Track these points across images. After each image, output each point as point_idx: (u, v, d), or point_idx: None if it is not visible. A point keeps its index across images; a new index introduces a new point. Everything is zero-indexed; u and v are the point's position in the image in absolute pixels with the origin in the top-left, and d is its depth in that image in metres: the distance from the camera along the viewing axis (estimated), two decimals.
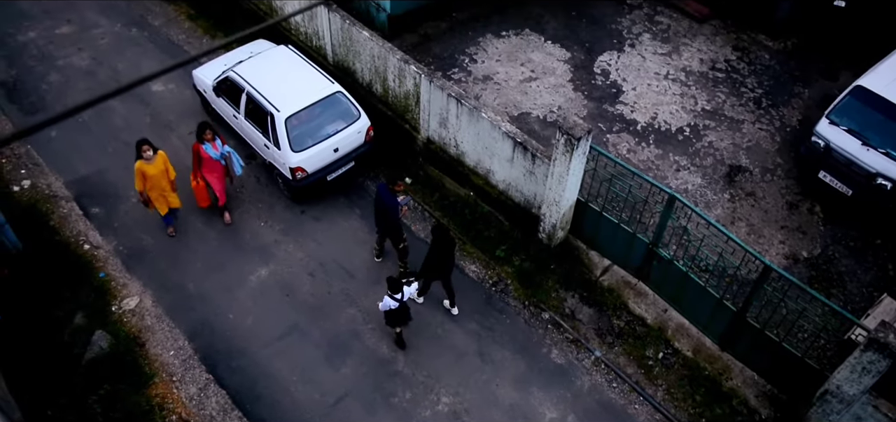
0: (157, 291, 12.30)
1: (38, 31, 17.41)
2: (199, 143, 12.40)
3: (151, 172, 11.96)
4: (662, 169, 14.58)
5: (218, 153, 12.52)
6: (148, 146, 11.81)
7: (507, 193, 13.14)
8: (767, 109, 16.09)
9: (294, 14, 6.52)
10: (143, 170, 11.92)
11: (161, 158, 12.08)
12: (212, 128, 12.48)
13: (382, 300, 11.06)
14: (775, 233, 13.59)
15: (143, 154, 11.81)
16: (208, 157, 12.49)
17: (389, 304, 10.98)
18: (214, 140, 12.45)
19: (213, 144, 12.44)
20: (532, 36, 17.65)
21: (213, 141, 12.43)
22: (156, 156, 11.95)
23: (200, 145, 12.39)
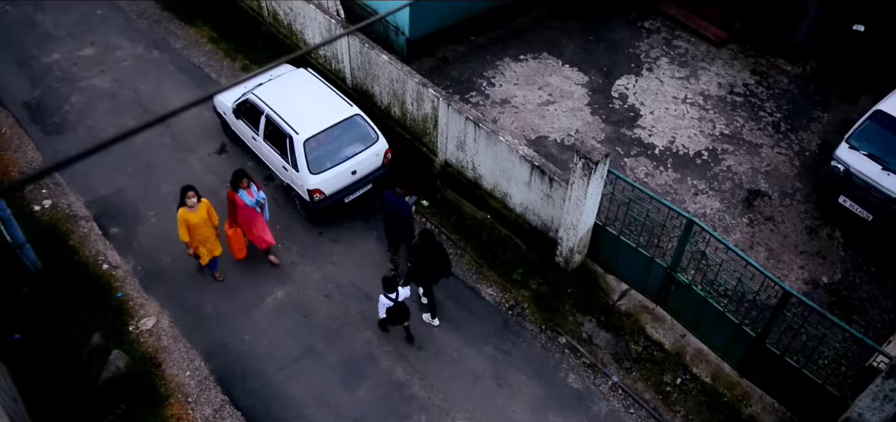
0: (174, 312, 12.35)
1: (62, 52, 17.66)
2: (234, 191, 11.94)
3: (195, 220, 11.54)
4: (680, 193, 14.52)
5: (253, 200, 12.08)
6: (193, 193, 11.38)
7: (525, 217, 13.12)
8: (786, 133, 16.00)
9: (322, 44, 6.58)
10: (187, 218, 11.49)
11: (204, 205, 11.68)
12: (247, 174, 12.01)
13: (379, 301, 11.36)
14: (795, 258, 13.46)
15: (187, 201, 11.36)
16: (244, 204, 12.02)
17: (386, 303, 11.29)
18: (250, 187, 12.01)
19: (249, 191, 12.00)
20: (550, 60, 17.69)
21: (249, 187, 12.00)
22: (200, 203, 11.54)
23: (235, 193, 11.93)
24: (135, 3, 19.50)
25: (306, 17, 15.93)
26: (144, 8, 19.33)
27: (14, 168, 14.61)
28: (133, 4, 19.42)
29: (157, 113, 14.92)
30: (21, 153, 14.96)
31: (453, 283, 12.87)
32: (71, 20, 18.72)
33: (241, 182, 11.91)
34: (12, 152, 14.97)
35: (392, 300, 11.27)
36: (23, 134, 15.40)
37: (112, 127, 15.58)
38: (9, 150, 15.02)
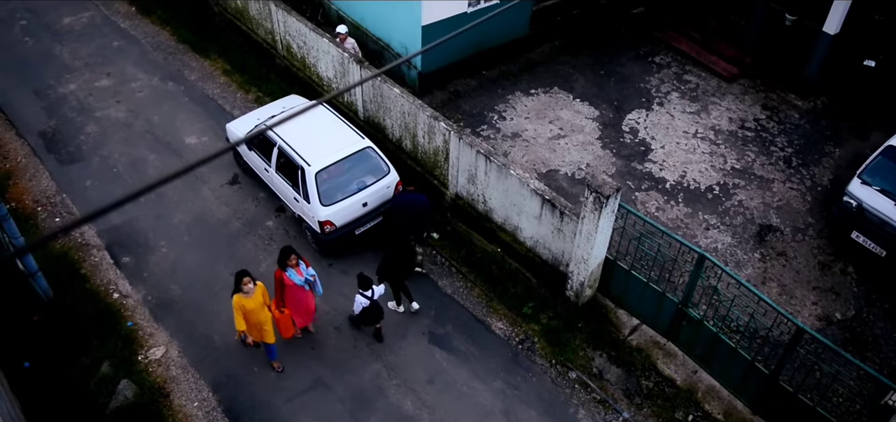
0: (183, 342, 12.35)
1: (78, 83, 17.87)
2: (281, 270, 11.12)
3: (251, 306, 10.75)
4: (692, 227, 14.47)
5: (303, 279, 11.22)
6: (249, 279, 10.59)
7: (535, 250, 13.09)
8: (798, 168, 15.96)
9: (345, 90, 6.63)
10: (243, 305, 10.70)
11: (259, 290, 10.90)
12: (295, 251, 11.17)
13: (356, 300, 11.62)
14: (808, 294, 13.37)
15: (243, 288, 10.57)
16: (293, 284, 11.19)
17: (362, 302, 11.58)
18: (298, 265, 11.16)
19: (298, 270, 11.14)
20: (561, 94, 17.76)
21: (298, 266, 11.14)
22: (256, 288, 10.79)
23: (283, 272, 11.09)
24: (151, 35, 19.76)
25: (320, 50, 16.08)
26: (160, 41, 19.57)
27: (28, 196, 14.73)
28: (149, 37, 19.68)
29: (170, 144, 15.17)
30: (36, 182, 15.09)
31: (463, 316, 12.84)
32: (88, 52, 18.97)
33: (290, 260, 11.03)
34: (27, 181, 15.10)
35: (368, 299, 11.56)
36: (38, 163, 15.55)
37: (125, 158, 15.71)
38: (24, 178, 15.16)
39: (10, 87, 17.63)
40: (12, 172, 15.29)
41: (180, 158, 15.74)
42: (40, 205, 14.59)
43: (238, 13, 18.93)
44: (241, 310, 10.74)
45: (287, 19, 16.77)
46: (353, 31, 18.73)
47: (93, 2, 21.08)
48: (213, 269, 13.49)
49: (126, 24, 20.18)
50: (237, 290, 10.70)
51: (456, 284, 13.44)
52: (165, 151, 15.91)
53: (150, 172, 15.42)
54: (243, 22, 18.87)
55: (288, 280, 11.14)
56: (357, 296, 11.63)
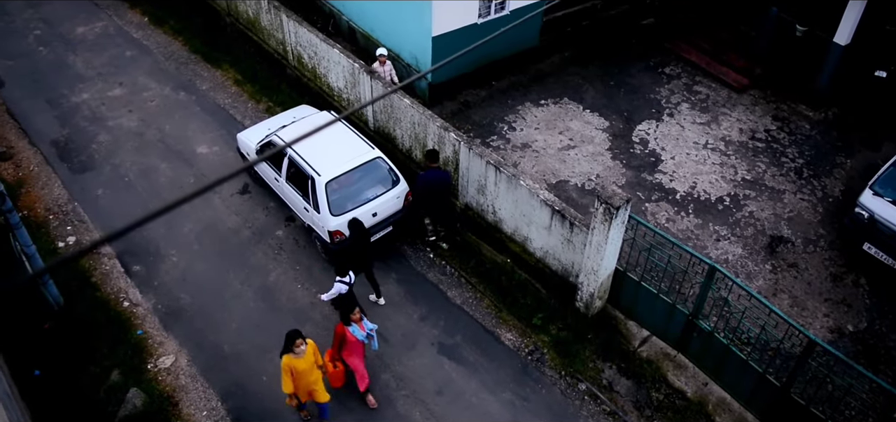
0: (192, 351, 12.38)
1: (91, 92, 17.99)
2: (344, 324, 10.74)
3: (302, 367, 10.13)
4: (702, 239, 14.42)
5: (364, 333, 10.88)
6: (302, 340, 10.00)
7: (545, 261, 13.07)
8: (809, 179, 15.90)
9: (362, 106, 6.66)
10: (293, 366, 10.07)
11: (311, 348, 10.28)
12: (360, 306, 10.80)
13: (332, 288, 11.59)
14: (819, 306, 13.29)
15: (295, 349, 9.95)
16: (354, 339, 10.81)
17: (340, 288, 11.51)
18: (361, 320, 10.81)
19: (361, 325, 10.78)
20: (571, 104, 17.76)
21: (361, 321, 10.79)
22: (307, 348, 10.18)
23: (346, 327, 10.72)
24: (163, 45, 19.89)
25: (330, 61, 16.14)
26: (173, 51, 19.69)
27: (40, 204, 14.82)
28: (162, 47, 19.81)
29: (182, 153, 15.25)
30: (48, 190, 15.18)
31: (473, 327, 12.83)
32: (101, 61, 19.10)
33: (354, 314, 10.63)
34: (39, 189, 15.20)
35: (347, 284, 11.56)
36: (50, 171, 15.65)
37: (137, 166, 15.79)
38: (36, 187, 15.26)
39: (23, 96, 17.77)
40: (25, 181, 15.39)
41: (191, 167, 15.81)
42: (52, 213, 14.67)
43: (250, 24, 19.04)
44: (289, 371, 10.06)
45: (298, 30, 16.84)
46: (362, 42, 18.82)
47: (106, 12, 21.25)
48: (224, 278, 13.53)
49: (139, 35, 20.32)
50: (287, 350, 10.01)
51: (465, 295, 13.42)
52: (177, 160, 15.99)
53: (161, 181, 15.49)
54: (255, 32, 18.97)
55: (350, 336, 10.73)
56: (335, 283, 11.62)
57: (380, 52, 15.87)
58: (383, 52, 15.86)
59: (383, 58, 15.86)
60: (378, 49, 15.99)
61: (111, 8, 21.50)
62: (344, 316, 10.66)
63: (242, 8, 18.98)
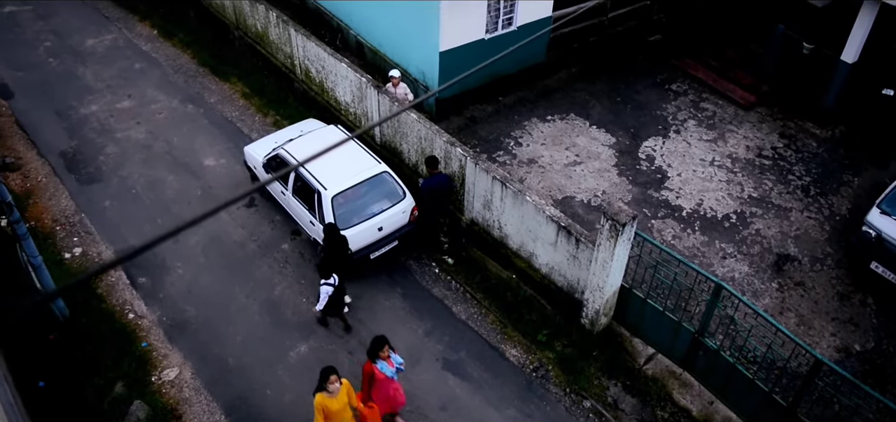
0: (196, 364, 12.37)
1: (100, 104, 18.09)
2: (371, 362, 10.21)
3: (335, 407, 9.67)
4: (708, 256, 14.38)
5: (393, 369, 10.34)
6: (336, 377, 9.57)
7: (550, 277, 13.05)
8: (816, 197, 15.85)
9: (379, 123, 6.69)
10: (326, 406, 9.63)
11: (345, 388, 9.82)
12: (388, 341, 10.26)
13: (321, 293, 11.93)
14: (826, 325, 13.22)
15: (329, 386, 9.54)
16: (384, 377, 10.32)
17: (327, 291, 11.89)
18: (390, 356, 10.27)
19: (389, 361, 10.25)
20: (577, 120, 17.77)
21: (389, 357, 10.25)
22: (341, 387, 9.75)
23: (374, 365, 10.20)
24: (172, 58, 20.00)
25: (338, 75, 16.20)
26: (181, 63, 19.80)
27: (48, 215, 14.88)
28: (171, 60, 19.92)
29: (189, 165, 15.30)
30: (55, 201, 15.24)
31: (477, 342, 12.80)
32: (110, 74, 19.22)
33: (382, 352, 10.14)
34: (46, 200, 15.26)
35: (332, 285, 11.87)
36: (58, 182, 15.72)
37: (144, 178, 15.85)
38: (43, 197, 15.33)
39: (32, 107, 17.88)
40: (32, 191, 15.46)
41: (198, 180, 15.86)
42: (59, 224, 14.73)
43: (258, 37, 19.13)
44: (322, 411, 9.63)
45: (306, 44, 16.91)
46: (370, 56, 18.89)
47: (116, 25, 21.39)
48: (229, 291, 13.54)
49: (148, 47, 20.44)
50: (320, 388, 9.62)
51: (470, 311, 13.41)
52: (184, 173, 16.04)
53: (168, 193, 15.54)
54: (263, 46, 19.06)
55: (379, 373, 10.24)
56: (321, 287, 11.92)
57: (393, 74, 15.79)
58: (396, 74, 15.79)
59: (396, 79, 15.76)
60: (391, 71, 15.96)
61: (121, 21, 21.65)
62: (372, 353, 10.18)
63: (251, 22, 19.08)
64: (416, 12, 16.67)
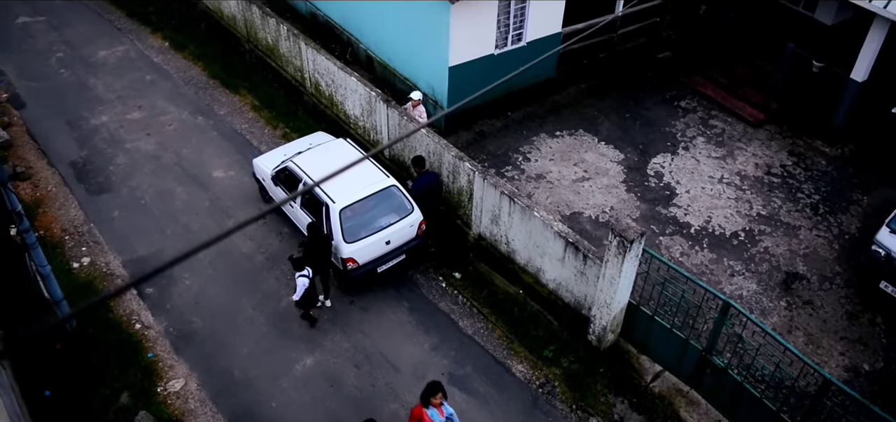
0: (202, 375, 12.38)
1: (111, 115, 18.19)
2: (423, 406, 9.95)
3: None
4: (716, 274, 14.32)
5: (444, 417, 10.09)
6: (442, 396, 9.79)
7: (557, 293, 13.01)
8: (825, 215, 15.78)
9: (395, 142, 6.70)
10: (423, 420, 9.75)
11: None
12: (442, 388, 9.98)
13: (297, 285, 12.39)
14: (835, 344, 13.13)
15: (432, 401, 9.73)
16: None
17: (303, 283, 12.39)
18: (442, 405, 10.00)
19: (440, 409, 9.99)
20: (586, 136, 17.76)
21: (441, 405, 9.98)
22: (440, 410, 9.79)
23: (425, 410, 9.93)
24: (183, 70, 20.10)
25: (347, 88, 16.25)
26: (192, 76, 19.90)
27: (57, 225, 14.94)
28: (181, 72, 20.02)
29: (198, 177, 15.34)
30: (64, 211, 15.31)
31: (484, 357, 12.77)
32: (121, 85, 19.33)
33: (435, 398, 9.86)
34: (56, 210, 15.33)
35: (307, 277, 12.40)
36: (68, 192, 15.79)
37: (153, 189, 15.91)
38: (53, 207, 15.40)
39: (44, 117, 17.99)
40: (42, 201, 15.53)
41: (207, 192, 15.91)
42: (68, 234, 14.79)
43: (269, 50, 19.22)
44: None
45: (316, 57, 16.98)
46: (379, 71, 18.95)
47: (128, 36, 21.52)
48: (236, 302, 13.56)
49: (159, 59, 20.56)
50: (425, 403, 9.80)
51: (477, 325, 13.38)
52: (192, 184, 16.10)
53: (176, 204, 15.59)
54: (273, 59, 19.14)
55: (427, 420, 9.98)
56: (297, 279, 12.40)
57: (414, 96, 15.74)
58: (417, 96, 15.76)
59: (416, 101, 15.73)
60: (413, 92, 15.87)
61: (133, 33, 21.79)
62: (425, 397, 9.90)
63: (262, 35, 19.18)
64: (425, 27, 16.73)
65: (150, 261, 14.29)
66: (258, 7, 18.76)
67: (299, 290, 12.37)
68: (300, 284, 12.35)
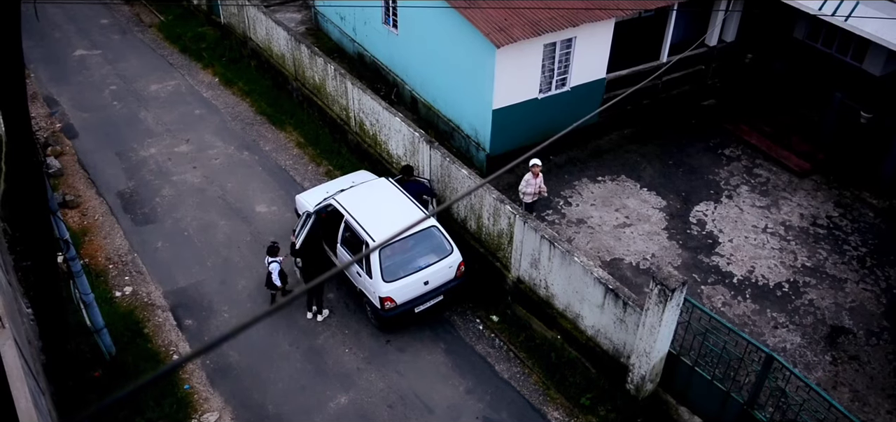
0: (237, 409, 12.43)
1: (159, 147, 18.61)
2: None
3: None
4: (759, 325, 14.02)
5: None
6: None
7: (596, 340, 12.86)
8: (872, 268, 15.39)
9: (459, 199, 6.74)
10: None
11: None
12: None
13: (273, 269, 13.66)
14: (882, 402, 12.73)
15: None
16: None
17: (277, 267, 13.70)
18: None
19: None
20: (628, 182, 17.64)
21: None
22: None
23: None
24: (231, 106, 20.52)
25: (391, 128, 16.41)
26: (239, 111, 20.30)
27: (101, 254, 15.25)
28: (230, 107, 20.45)
29: (241, 210, 15.58)
30: (110, 240, 15.63)
31: (519, 402, 12.64)
32: (171, 118, 19.79)
33: None
34: (102, 239, 15.66)
35: (278, 262, 13.71)
36: (114, 222, 16.14)
37: (197, 222, 16.18)
38: (99, 236, 15.74)
39: (95, 148, 18.48)
40: (89, 229, 15.89)
41: (249, 225, 16.13)
42: (112, 263, 15.08)
43: (315, 89, 19.52)
44: None
45: (362, 97, 17.20)
46: (423, 112, 19.12)
47: (180, 71, 22.09)
48: (273, 337, 13.64)
49: (208, 94, 21.03)
50: None
51: (513, 370, 13.26)
52: (236, 218, 16.33)
53: (219, 237, 15.81)
54: (320, 97, 19.44)
55: None
56: (272, 264, 13.67)
57: (535, 163, 15.02)
58: (538, 163, 15.10)
59: (537, 169, 15.18)
60: (533, 160, 14.92)
61: (185, 68, 22.35)
62: None
63: (309, 73, 19.51)
64: (471, 70, 16.87)
65: (189, 292, 14.49)
66: (307, 46, 19.12)
67: (274, 273, 13.71)
68: (274, 268, 13.69)
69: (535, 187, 15.34)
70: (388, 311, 13.16)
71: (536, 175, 15.28)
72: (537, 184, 15.36)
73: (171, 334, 13.66)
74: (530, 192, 15.31)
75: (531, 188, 15.29)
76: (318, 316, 13.95)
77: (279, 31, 20.34)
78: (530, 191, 15.31)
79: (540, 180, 15.42)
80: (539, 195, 15.61)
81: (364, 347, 13.57)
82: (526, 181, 15.30)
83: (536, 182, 15.32)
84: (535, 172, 15.25)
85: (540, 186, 15.46)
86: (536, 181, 15.32)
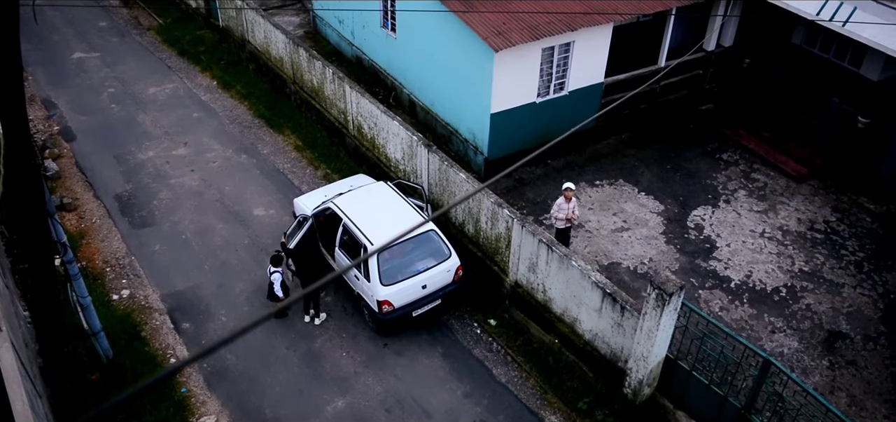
0: (234, 413, 12.42)
1: (157, 150, 18.61)
2: None
3: None
4: (757, 330, 14.04)
5: None
6: None
7: (593, 344, 12.86)
8: (869, 273, 15.41)
9: (457, 203, 6.77)
10: None
11: None
12: None
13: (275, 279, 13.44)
14: (879, 406, 12.74)
15: None
16: None
17: (279, 277, 13.45)
18: None
19: None
20: (626, 186, 17.66)
21: None
22: None
23: None
24: (229, 109, 20.52)
25: (389, 132, 16.41)
26: (238, 114, 20.30)
27: (99, 257, 15.24)
28: (228, 110, 20.45)
29: (239, 214, 15.55)
30: (107, 243, 15.62)
31: (516, 406, 12.64)
32: (169, 121, 19.79)
33: None
34: (99, 242, 15.65)
35: (281, 273, 13.45)
36: (111, 225, 16.13)
37: (195, 225, 16.17)
38: (96, 239, 15.72)
39: (93, 150, 18.47)
40: (86, 232, 15.88)
41: (247, 229, 16.12)
42: (109, 266, 15.06)
43: (314, 92, 19.53)
44: None
45: (360, 101, 17.21)
46: (422, 115, 19.13)
47: (178, 74, 22.09)
48: (270, 341, 13.64)
49: (207, 97, 21.03)
50: None
51: (511, 373, 13.27)
52: (233, 221, 16.33)
53: (216, 240, 15.81)
54: (318, 101, 19.44)
55: None
56: (274, 274, 13.45)
57: (568, 186, 14.41)
58: (572, 186, 14.46)
59: (571, 192, 14.42)
60: (566, 183, 14.57)
61: (183, 71, 22.36)
62: None
63: (308, 77, 19.51)
64: (469, 74, 16.89)
65: (187, 295, 14.47)
66: (305, 50, 19.13)
67: (276, 283, 13.50)
68: (276, 279, 13.47)
69: (568, 212, 14.53)
70: (385, 314, 13.16)
71: (569, 199, 14.43)
72: (570, 209, 14.49)
73: (168, 338, 13.65)
74: (562, 217, 14.54)
75: (563, 213, 14.51)
76: (316, 319, 13.95)
77: (277, 35, 20.36)
78: (562, 216, 14.54)
79: (573, 205, 14.55)
80: (571, 222, 14.78)
81: (361, 350, 13.57)
82: (557, 206, 14.53)
83: (569, 207, 14.48)
84: (568, 195, 14.40)
85: (573, 210, 14.59)
86: (569, 206, 14.48)
